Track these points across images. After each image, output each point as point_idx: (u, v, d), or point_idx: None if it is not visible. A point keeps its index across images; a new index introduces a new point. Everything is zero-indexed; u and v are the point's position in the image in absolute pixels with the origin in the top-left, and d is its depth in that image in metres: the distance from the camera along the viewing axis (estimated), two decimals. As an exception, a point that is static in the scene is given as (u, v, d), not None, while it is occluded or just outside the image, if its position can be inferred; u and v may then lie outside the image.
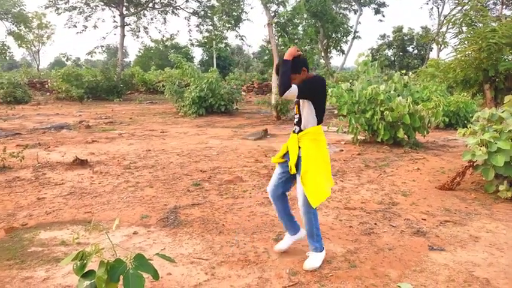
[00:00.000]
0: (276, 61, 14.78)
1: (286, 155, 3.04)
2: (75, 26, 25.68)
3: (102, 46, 25.77)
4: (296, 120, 3.01)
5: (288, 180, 3.08)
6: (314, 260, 2.97)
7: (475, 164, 4.95)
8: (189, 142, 8.58)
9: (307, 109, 2.92)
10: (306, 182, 2.85)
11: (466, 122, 10.69)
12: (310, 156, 2.87)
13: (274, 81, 14.67)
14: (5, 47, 31.54)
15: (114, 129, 10.83)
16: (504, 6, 26.90)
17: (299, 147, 2.93)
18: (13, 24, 30.80)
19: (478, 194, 4.89)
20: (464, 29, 7.75)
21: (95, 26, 25.80)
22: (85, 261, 2.12)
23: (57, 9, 24.79)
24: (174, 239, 3.48)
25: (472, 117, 9.75)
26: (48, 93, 23.87)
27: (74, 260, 2.12)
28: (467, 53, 7.45)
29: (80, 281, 2.09)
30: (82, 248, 2.13)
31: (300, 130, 2.95)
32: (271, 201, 3.20)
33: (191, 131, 10.43)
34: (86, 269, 2.11)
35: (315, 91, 2.90)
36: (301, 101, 2.94)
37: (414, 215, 4.14)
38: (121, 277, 2.05)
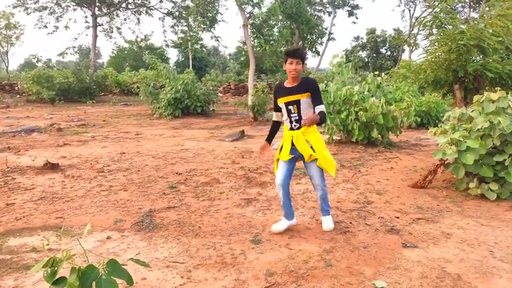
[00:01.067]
0: (252, 62, 14.80)
1: (291, 151, 3.50)
2: (45, 27, 25.04)
3: (74, 47, 25.22)
4: (295, 118, 3.46)
5: (292, 171, 3.64)
6: (330, 221, 3.71)
7: (446, 163, 5.08)
8: (165, 144, 8.48)
9: (308, 107, 3.43)
10: (325, 162, 3.47)
11: (437, 121, 10.98)
12: (320, 144, 3.49)
13: (251, 82, 14.69)
14: (-29, 48, 30.40)
15: (86, 131, 10.59)
16: (471, 9, 27.82)
17: (306, 141, 3.45)
18: (-21, 24, 29.75)
19: (449, 192, 5.02)
20: (435, 30, 7.96)
21: (66, 27, 25.20)
22: (56, 268, 2.07)
23: (26, 9, 24.11)
24: (149, 243, 3.43)
25: (443, 116, 10.01)
26: (18, 96, 23.14)
27: (45, 266, 2.06)
28: (437, 54, 7.66)
29: (51, 289, 2.04)
30: (53, 254, 2.07)
31: (300, 127, 3.45)
32: (279, 192, 3.57)
33: (167, 133, 10.31)
34: (57, 276, 2.06)
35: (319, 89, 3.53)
36: (302, 100, 3.41)
37: (388, 213, 4.21)
38: (93, 284, 2.00)
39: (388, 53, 40.54)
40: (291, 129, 3.51)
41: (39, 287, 2.67)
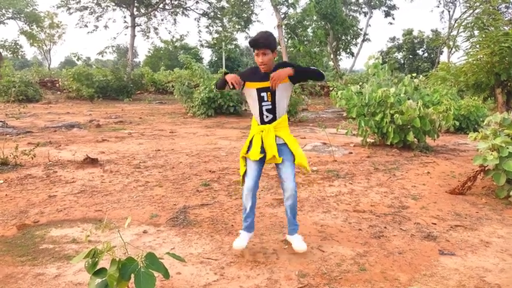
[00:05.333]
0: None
1: (262, 149, 3.08)
2: (86, 26, 26.01)
3: (113, 46, 26.20)
4: (268, 108, 3.04)
5: (261, 172, 3.24)
6: (302, 240, 3.19)
7: (486, 169, 4.90)
8: (198, 142, 8.61)
9: (286, 95, 3.07)
10: (300, 159, 3.10)
11: (476, 126, 10.59)
12: (292, 139, 3.14)
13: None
14: (18, 46, 31.97)
15: (124, 128, 10.90)
16: (517, 10, 26.60)
17: (276, 137, 3.05)
18: (25, 23, 31.23)
19: (489, 199, 4.84)
20: (476, 32, 7.73)
21: (105, 26, 26.10)
22: (97, 259, 2.14)
23: (69, 9, 25.11)
24: (183, 239, 3.49)
25: (482, 121, 9.66)
26: (59, 92, 24.10)
27: (86, 257, 2.14)
28: (479, 56, 7.43)
29: (92, 279, 2.11)
30: (93, 245, 2.15)
31: (274, 119, 3.06)
32: (247, 200, 3.13)
33: (200, 132, 10.46)
34: (98, 267, 2.13)
35: None
36: (281, 86, 2.98)
37: (424, 219, 4.11)
38: (132, 275, 2.06)
39: (425, 54, 39.53)
40: (262, 122, 3.09)
41: (80, 276, 2.79)
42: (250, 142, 3.17)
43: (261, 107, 3.05)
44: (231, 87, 3.00)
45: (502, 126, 4.88)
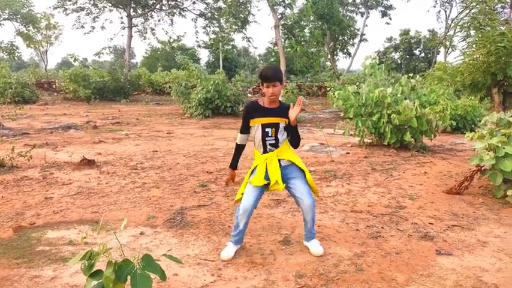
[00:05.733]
0: (282, 63, 14.80)
1: (266, 176, 3.10)
2: (82, 27, 25.98)
3: (110, 47, 26.07)
4: (271, 143, 3.12)
5: (260, 197, 3.24)
6: (319, 245, 3.27)
7: (482, 169, 4.91)
8: (196, 143, 8.60)
9: (283, 134, 3.15)
10: (310, 179, 3.17)
11: (473, 126, 10.63)
12: (298, 158, 3.20)
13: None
14: (14, 47, 31.87)
15: (121, 129, 10.88)
16: (513, 10, 26.71)
17: (280, 160, 3.12)
18: (22, 24, 31.13)
19: (485, 199, 4.85)
20: (473, 32, 7.74)
21: (102, 27, 26.10)
22: (93, 261, 2.13)
23: (65, 9, 25.07)
24: (180, 240, 3.49)
25: (479, 121, 9.68)
26: (55, 94, 24.05)
27: (82, 259, 2.13)
28: (475, 56, 7.44)
29: (88, 281, 2.10)
30: (89, 247, 2.14)
31: (277, 147, 3.13)
32: (242, 218, 3.14)
33: (197, 132, 10.45)
34: (94, 269, 2.12)
35: None
36: (281, 125, 3.11)
37: (421, 219, 4.11)
38: (128, 277, 2.05)
39: (422, 54, 39.63)
40: (265, 152, 3.14)
41: (76, 278, 2.77)
42: (255, 169, 3.18)
43: (264, 141, 3.13)
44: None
45: (499, 126, 4.89)
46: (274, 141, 3.12)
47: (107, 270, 2.07)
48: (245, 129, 3.23)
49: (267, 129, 3.09)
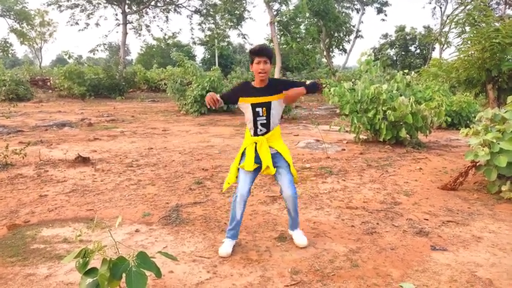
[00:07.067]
0: (278, 59, 14.78)
1: (256, 159, 3.14)
2: (77, 24, 25.85)
3: (104, 44, 25.93)
4: (262, 122, 3.10)
5: (253, 182, 3.30)
6: (303, 235, 3.35)
7: (477, 164, 4.93)
8: (191, 140, 8.58)
9: (279, 110, 3.15)
10: (293, 169, 3.23)
11: (468, 122, 10.67)
12: (287, 151, 3.23)
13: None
14: (8, 44, 31.64)
15: (116, 127, 10.84)
16: (507, 6, 26.81)
17: (270, 147, 3.14)
18: (15, 21, 30.89)
19: (480, 194, 4.88)
20: (467, 28, 7.75)
21: (97, 24, 25.97)
22: (87, 259, 2.13)
23: (60, 6, 24.88)
24: (176, 237, 3.48)
25: (474, 117, 9.73)
26: (50, 91, 23.88)
27: (77, 257, 2.12)
28: (470, 52, 7.46)
29: (83, 279, 2.10)
30: (84, 245, 2.13)
31: (268, 131, 3.13)
32: (239, 206, 3.20)
33: (193, 130, 10.43)
34: (89, 267, 2.12)
35: None
36: (274, 102, 3.08)
37: (416, 214, 4.13)
38: (123, 275, 2.05)
39: (418, 51, 39.71)
40: (256, 134, 3.14)
41: (71, 276, 2.76)
42: (243, 153, 3.21)
43: (255, 121, 3.11)
44: (208, 107, 3.08)
45: (493, 121, 4.91)
46: (265, 121, 3.10)
47: (101, 267, 2.06)
48: (226, 97, 3.21)
49: (257, 109, 3.08)
